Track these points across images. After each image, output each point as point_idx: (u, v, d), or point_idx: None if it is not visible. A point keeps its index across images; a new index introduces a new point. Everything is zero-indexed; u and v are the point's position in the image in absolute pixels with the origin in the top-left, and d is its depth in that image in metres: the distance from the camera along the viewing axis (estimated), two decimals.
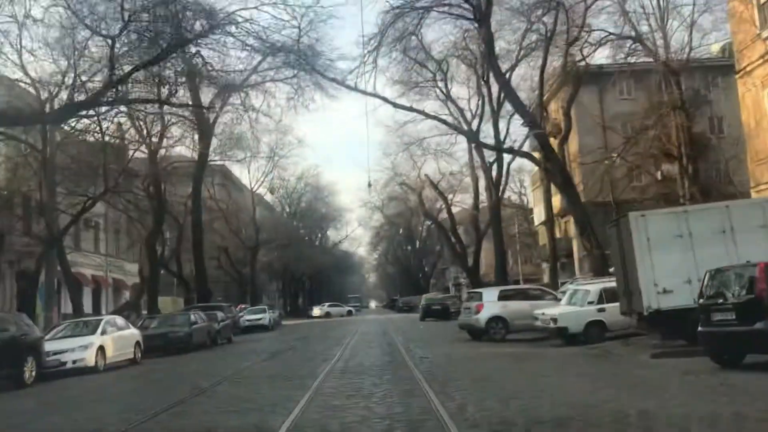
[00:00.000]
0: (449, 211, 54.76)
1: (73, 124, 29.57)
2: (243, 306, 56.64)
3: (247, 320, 45.96)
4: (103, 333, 21.13)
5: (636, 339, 18.89)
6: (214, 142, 46.86)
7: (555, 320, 20.41)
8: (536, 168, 57.22)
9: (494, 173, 47.08)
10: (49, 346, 19.64)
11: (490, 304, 23.74)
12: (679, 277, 15.99)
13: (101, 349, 20.34)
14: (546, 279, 56.01)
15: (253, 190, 65.91)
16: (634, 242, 16.41)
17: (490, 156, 47.53)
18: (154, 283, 40.54)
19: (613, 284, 20.35)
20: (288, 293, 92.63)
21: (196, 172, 47.06)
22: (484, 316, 23.53)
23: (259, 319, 46.20)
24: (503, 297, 24.16)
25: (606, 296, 20.13)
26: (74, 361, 19.51)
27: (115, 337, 21.77)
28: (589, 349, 18.48)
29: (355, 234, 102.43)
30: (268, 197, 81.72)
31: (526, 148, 54.40)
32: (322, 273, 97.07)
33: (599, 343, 19.25)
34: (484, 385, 12.38)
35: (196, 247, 47.40)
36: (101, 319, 22.72)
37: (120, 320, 24.36)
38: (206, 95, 40.27)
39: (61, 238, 30.99)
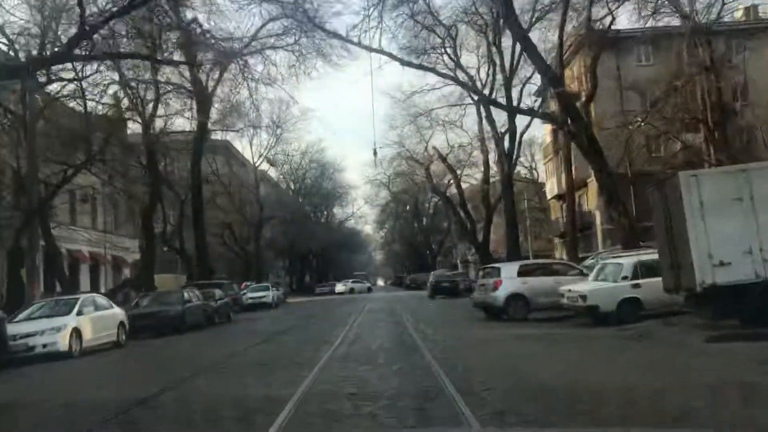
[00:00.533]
0: (458, 186, 52.13)
1: (56, 89, 27.09)
2: (247, 283, 54.50)
3: (250, 298, 43.72)
4: (80, 313, 18.74)
5: (677, 318, 16.42)
6: (214, 113, 44.45)
7: (584, 298, 17.94)
8: (548, 140, 54.64)
9: (506, 144, 44.27)
10: (17, 329, 17.32)
11: (510, 280, 21.27)
12: (738, 247, 13.51)
13: (76, 331, 17.93)
14: (558, 255, 53.56)
15: (256, 165, 63.30)
16: (685, 207, 13.88)
17: (501, 126, 44.79)
18: (150, 259, 38.10)
19: (649, 257, 17.91)
20: (294, 271, 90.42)
21: (195, 143, 44.58)
22: (502, 293, 21.06)
23: (263, 296, 43.94)
24: (523, 272, 21.67)
25: (642, 271, 17.64)
26: (44, 345, 17.14)
27: (95, 318, 19.37)
28: (623, 331, 16.01)
29: (362, 212, 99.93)
30: (272, 173, 79.38)
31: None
32: (328, 250, 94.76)
33: (634, 323, 16.77)
34: (518, 382, 9.81)
35: (196, 221, 45.04)
36: (78, 298, 20.26)
37: (102, 299, 21.96)
38: (205, 69, 38.04)
39: (42, 209, 28.52)
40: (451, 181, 58.67)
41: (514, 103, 42.62)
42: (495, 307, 21.38)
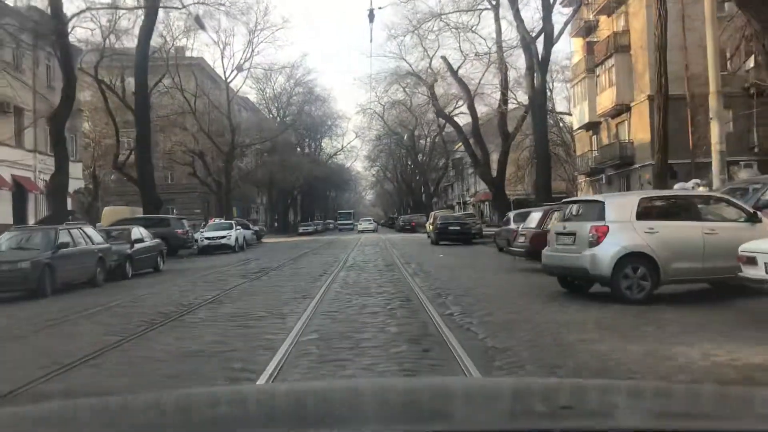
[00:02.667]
0: (471, 106, 40.80)
1: None
2: (215, 220, 44.26)
3: (206, 238, 33.16)
4: None
5: None
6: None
7: None
8: (577, 58, 43.59)
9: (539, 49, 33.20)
10: None
11: (623, 228, 10.63)
12: None
13: None
14: (583, 194, 43.11)
15: (227, 79, 51.87)
16: None
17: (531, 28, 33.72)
18: (62, 183, 27.34)
19: None
20: (277, 208, 79.40)
21: (139, 41, 33.51)
22: (610, 251, 10.44)
23: (221, 237, 33.34)
24: (646, 213, 10.94)
25: None
26: None
27: None
28: None
29: (352, 146, 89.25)
30: (252, 97, 67.93)
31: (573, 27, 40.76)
32: (314, 187, 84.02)
33: None
34: None
35: (140, 143, 34.20)
36: None
37: None
38: None
39: None
40: (458, 105, 47.81)
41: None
42: (592, 276, 10.85)
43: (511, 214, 24.19)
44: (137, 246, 20.06)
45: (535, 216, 17.27)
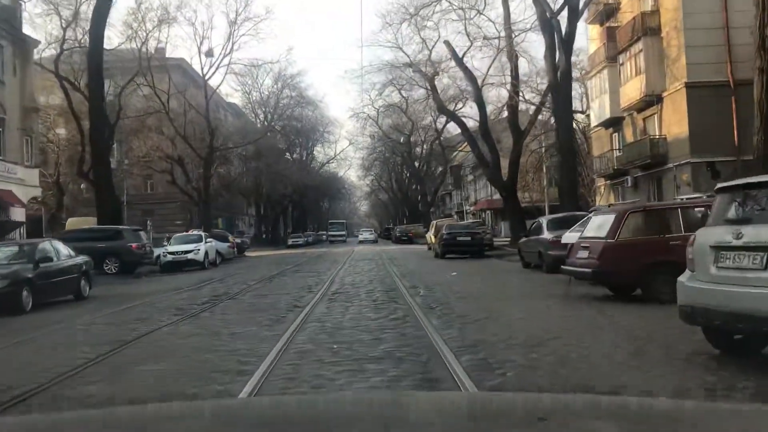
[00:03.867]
0: (479, 98, 34.83)
1: None
2: (193, 232, 38.90)
3: (169, 254, 27.37)
4: None
5: None
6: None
7: None
8: (594, 47, 38.07)
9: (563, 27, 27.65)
10: None
11: None
12: None
13: None
14: (603, 201, 37.68)
15: (206, 76, 46.23)
16: None
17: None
18: None
19: None
20: (266, 219, 72.99)
21: (93, 21, 27.95)
22: None
23: (187, 252, 27.55)
24: None
25: None
26: None
27: None
28: None
29: (345, 154, 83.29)
30: (238, 100, 62.24)
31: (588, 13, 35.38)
32: (306, 197, 78.16)
33: None
34: None
35: (95, 137, 28.52)
36: None
37: None
38: None
39: None
40: (459, 106, 42.23)
41: None
42: None
43: (544, 220, 18.60)
44: (45, 266, 14.33)
45: (602, 221, 11.58)
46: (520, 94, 35.31)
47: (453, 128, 66.52)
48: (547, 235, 16.97)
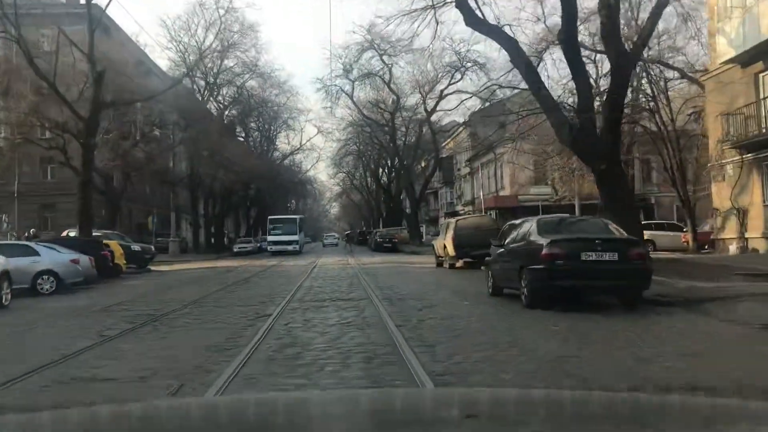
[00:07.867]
0: None
1: None
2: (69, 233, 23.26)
3: None
4: None
5: None
6: None
7: None
8: None
9: None
10: None
11: None
12: None
13: None
14: (720, 202, 22.15)
15: None
16: None
17: None
18: None
19: None
20: (219, 219, 54.70)
21: None
22: None
23: None
24: None
25: None
26: None
27: None
28: None
29: (313, 144, 67.09)
30: (165, 64, 45.35)
31: None
32: (269, 194, 61.38)
33: None
34: None
35: None
36: None
37: None
38: None
39: None
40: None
41: None
42: None
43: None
44: None
45: None
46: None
47: (444, 116, 51.29)
48: None
